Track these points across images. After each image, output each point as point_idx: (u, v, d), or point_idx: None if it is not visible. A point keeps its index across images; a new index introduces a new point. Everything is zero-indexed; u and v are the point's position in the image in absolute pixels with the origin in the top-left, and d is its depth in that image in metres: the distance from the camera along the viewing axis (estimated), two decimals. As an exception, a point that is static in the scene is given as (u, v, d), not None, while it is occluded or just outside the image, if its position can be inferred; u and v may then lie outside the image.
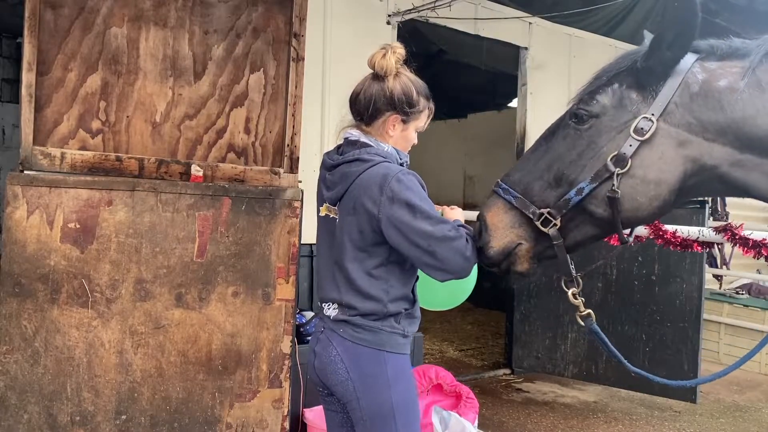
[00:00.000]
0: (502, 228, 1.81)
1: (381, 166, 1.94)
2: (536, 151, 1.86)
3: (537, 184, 1.79)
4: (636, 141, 1.67)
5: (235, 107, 3.22)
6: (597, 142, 1.72)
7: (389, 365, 1.98)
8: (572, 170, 1.74)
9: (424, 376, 4.03)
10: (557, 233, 1.76)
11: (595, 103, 1.74)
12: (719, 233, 3.12)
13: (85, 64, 2.94)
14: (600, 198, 1.71)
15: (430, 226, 1.85)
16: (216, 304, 2.95)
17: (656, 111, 1.67)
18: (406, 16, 4.78)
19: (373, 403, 1.96)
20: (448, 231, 1.84)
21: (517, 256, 1.82)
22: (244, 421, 3.01)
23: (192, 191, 2.91)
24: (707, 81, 1.67)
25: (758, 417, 4.98)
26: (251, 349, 3.01)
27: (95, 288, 2.76)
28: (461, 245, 1.84)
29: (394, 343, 1.99)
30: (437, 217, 1.88)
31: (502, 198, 1.83)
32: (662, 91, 1.68)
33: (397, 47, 2.03)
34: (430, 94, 2.09)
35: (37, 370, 2.70)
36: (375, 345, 1.97)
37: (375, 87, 2.01)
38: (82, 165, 2.91)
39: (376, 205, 1.89)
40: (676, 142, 1.67)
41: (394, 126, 2.03)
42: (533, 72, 5.73)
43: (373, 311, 1.97)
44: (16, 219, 2.66)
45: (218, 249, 2.94)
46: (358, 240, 1.96)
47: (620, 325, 4.70)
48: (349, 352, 1.98)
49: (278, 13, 3.25)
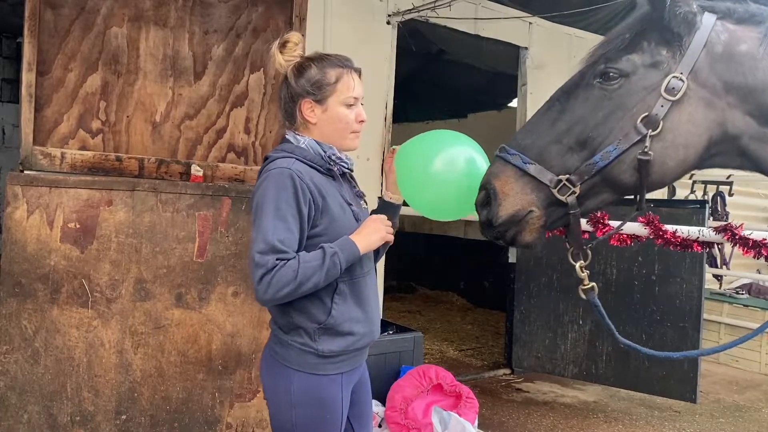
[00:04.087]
0: (513, 195, 1.67)
1: (273, 162, 1.81)
2: (549, 113, 1.73)
3: (554, 148, 1.67)
4: (667, 101, 1.58)
5: (235, 107, 3.22)
6: (627, 103, 1.62)
7: (295, 385, 1.82)
8: (598, 133, 1.63)
9: (424, 376, 4.02)
10: (575, 201, 1.65)
11: (625, 61, 1.63)
12: (719, 233, 3.11)
13: (85, 64, 2.94)
14: (628, 162, 1.61)
15: (255, 235, 1.72)
16: (216, 304, 2.95)
17: (685, 70, 1.58)
18: (406, 16, 4.78)
19: (276, 417, 1.87)
20: (258, 253, 1.68)
21: (526, 223, 1.69)
22: (244, 421, 3.01)
23: (192, 191, 2.91)
24: (729, 43, 1.60)
25: (758, 417, 4.98)
26: (251, 349, 3.01)
27: (95, 288, 2.76)
28: (258, 273, 1.68)
29: (303, 362, 1.82)
30: (269, 230, 1.70)
31: (511, 164, 1.69)
32: (690, 48, 1.59)
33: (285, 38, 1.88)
34: (346, 61, 1.89)
35: (37, 370, 2.70)
36: (283, 360, 1.84)
37: (282, 88, 1.90)
38: (82, 165, 2.91)
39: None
40: (704, 104, 1.59)
41: (312, 111, 1.86)
42: (533, 72, 5.73)
43: (284, 321, 1.85)
44: (16, 219, 2.66)
45: (218, 249, 2.94)
46: None
47: (620, 325, 4.68)
48: (266, 360, 1.91)
49: (278, 13, 3.25)
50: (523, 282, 5.34)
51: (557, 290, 5.07)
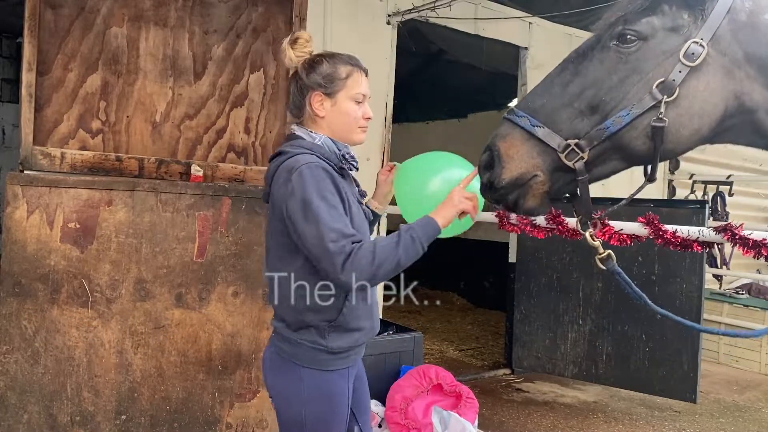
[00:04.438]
0: (518, 158, 1.61)
1: (294, 158, 1.79)
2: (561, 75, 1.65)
3: (565, 111, 1.60)
4: (686, 67, 1.51)
5: (235, 107, 3.22)
6: (643, 67, 1.55)
7: (305, 382, 1.83)
8: (611, 97, 1.56)
9: (424, 376, 4.02)
10: (583, 167, 1.58)
11: (645, 23, 1.55)
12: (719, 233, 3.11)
13: (85, 64, 2.94)
14: (640, 129, 1.55)
15: (315, 231, 1.69)
16: (216, 304, 2.95)
17: (706, 36, 1.52)
18: (406, 16, 4.78)
19: (285, 415, 1.88)
20: (331, 243, 1.67)
21: (530, 187, 1.62)
22: (244, 421, 3.01)
23: (192, 191, 2.91)
24: (754, 11, 1.54)
25: (758, 417, 4.98)
26: (251, 349, 3.01)
27: (95, 288, 2.76)
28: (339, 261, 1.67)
29: (313, 359, 1.83)
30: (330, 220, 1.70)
31: (519, 127, 1.61)
32: (712, 14, 1.52)
33: (296, 35, 1.93)
34: (355, 61, 1.94)
35: (37, 370, 2.70)
36: (292, 358, 1.84)
37: (292, 82, 1.94)
38: (82, 165, 2.91)
39: (283, 202, 1.77)
40: (722, 73, 1.53)
41: (321, 104, 1.89)
42: (533, 72, 5.73)
43: (293, 320, 1.85)
44: (16, 219, 2.66)
45: (218, 249, 2.94)
46: (280, 239, 1.84)
47: (620, 325, 4.70)
48: (272, 361, 1.91)
49: (278, 13, 3.26)
50: (523, 282, 5.34)
51: (557, 290, 5.07)
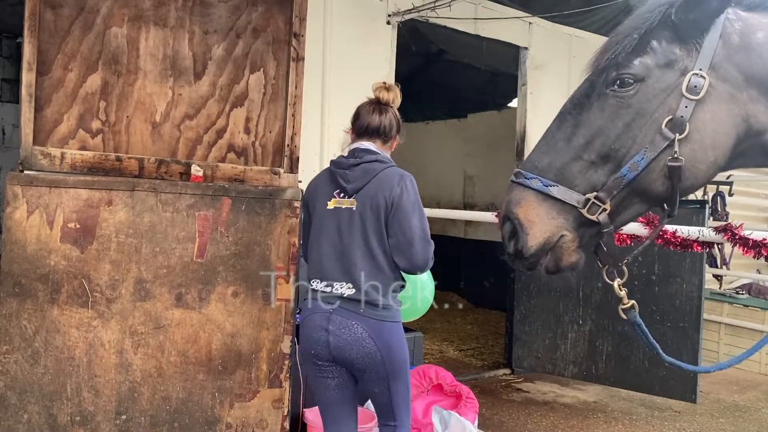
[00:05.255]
0: (539, 222, 1.57)
1: (396, 168, 2.52)
2: (562, 129, 1.62)
3: (575, 166, 1.56)
4: (691, 101, 1.49)
5: (235, 107, 3.22)
6: (646, 108, 1.52)
7: (401, 333, 2.51)
8: (621, 143, 1.53)
9: (424, 376, 4.02)
10: (607, 218, 1.55)
11: (638, 64, 1.53)
12: (719, 233, 3.11)
13: (85, 64, 2.94)
14: (658, 171, 1.52)
15: (420, 224, 2.43)
16: (216, 304, 2.95)
17: (704, 65, 1.49)
18: (406, 16, 4.78)
19: (395, 363, 2.45)
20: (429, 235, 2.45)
21: (562, 249, 1.59)
22: (244, 421, 3.01)
23: (192, 191, 2.91)
24: (745, 32, 1.52)
25: (758, 417, 4.98)
26: (251, 349, 3.01)
27: (95, 288, 2.76)
28: (431, 251, 2.46)
29: (399, 315, 2.52)
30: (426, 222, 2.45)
31: (531, 189, 1.58)
32: (705, 43, 1.50)
33: (393, 84, 2.64)
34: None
35: (37, 370, 2.70)
36: (392, 319, 2.47)
37: (389, 116, 2.58)
38: (82, 165, 2.91)
39: (392, 195, 2.42)
40: (727, 99, 1.51)
41: (397, 144, 2.67)
42: (533, 72, 5.73)
43: (387, 289, 2.44)
44: (16, 219, 2.66)
45: (218, 249, 2.94)
46: (377, 223, 2.43)
47: (620, 325, 4.69)
48: (375, 329, 2.41)
49: (278, 13, 3.25)
50: (523, 282, 5.34)
51: (557, 290, 5.07)
